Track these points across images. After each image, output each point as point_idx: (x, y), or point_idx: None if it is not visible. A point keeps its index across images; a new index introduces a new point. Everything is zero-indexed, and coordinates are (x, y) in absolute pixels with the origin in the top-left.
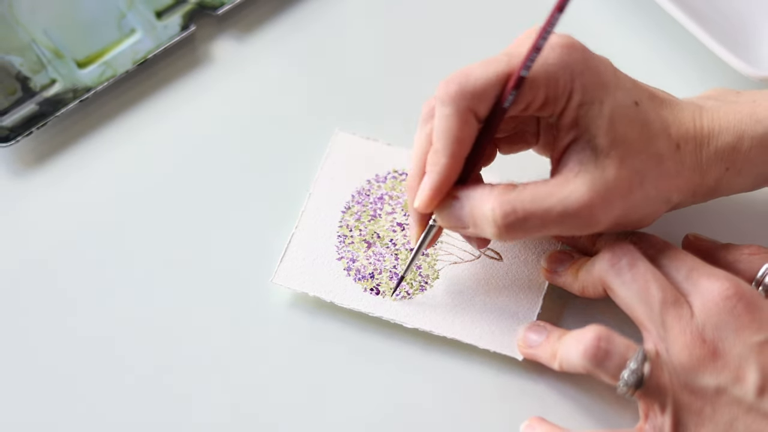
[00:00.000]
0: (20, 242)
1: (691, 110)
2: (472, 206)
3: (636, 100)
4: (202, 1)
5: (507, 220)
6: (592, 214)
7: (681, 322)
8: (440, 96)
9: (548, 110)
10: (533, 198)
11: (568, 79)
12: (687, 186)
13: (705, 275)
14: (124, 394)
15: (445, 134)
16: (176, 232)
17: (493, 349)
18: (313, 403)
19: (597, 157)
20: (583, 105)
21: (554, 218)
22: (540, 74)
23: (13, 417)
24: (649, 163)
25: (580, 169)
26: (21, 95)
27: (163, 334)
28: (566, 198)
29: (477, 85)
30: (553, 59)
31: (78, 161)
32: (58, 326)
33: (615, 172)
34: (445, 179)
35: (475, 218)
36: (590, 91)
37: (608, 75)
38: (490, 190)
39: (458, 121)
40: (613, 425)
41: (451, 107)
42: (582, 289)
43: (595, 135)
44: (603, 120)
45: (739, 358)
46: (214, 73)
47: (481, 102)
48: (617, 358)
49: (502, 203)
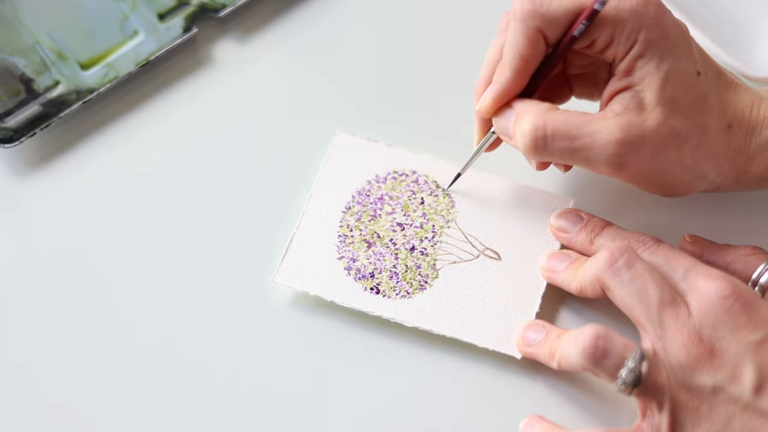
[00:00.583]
0: (24, 242)
1: (752, 97)
2: (518, 117)
3: (699, 71)
4: (204, 3)
5: (536, 134)
6: (618, 154)
7: (678, 321)
8: (514, 11)
9: (611, 53)
10: (567, 121)
11: (635, 28)
12: (730, 168)
13: (702, 275)
14: (126, 393)
15: (512, 49)
16: (179, 232)
17: (491, 347)
18: (314, 400)
19: (641, 109)
20: (642, 57)
21: (580, 147)
22: (610, 15)
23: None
24: (693, 130)
25: (621, 111)
26: (25, 96)
27: (165, 332)
28: (598, 131)
29: (550, 8)
30: (627, 5)
31: (81, 162)
32: (61, 325)
33: (654, 125)
34: (505, 91)
35: (515, 129)
36: (653, 46)
37: (678, 38)
38: (537, 104)
39: (526, 39)
40: (610, 423)
41: (522, 24)
42: (580, 288)
43: (646, 89)
44: (657, 77)
45: (736, 356)
46: (216, 75)
47: (551, 25)
48: (615, 357)
49: (537, 118)
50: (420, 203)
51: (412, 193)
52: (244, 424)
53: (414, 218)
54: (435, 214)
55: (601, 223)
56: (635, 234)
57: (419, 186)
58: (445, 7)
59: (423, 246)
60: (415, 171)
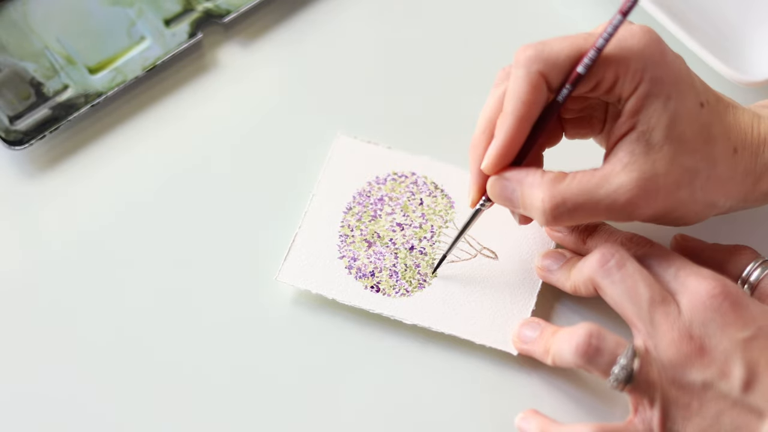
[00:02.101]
0: (33, 242)
1: (750, 117)
2: (524, 192)
3: (703, 102)
4: (209, 9)
5: (557, 211)
6: (638, 206)
7: (669, 319)
8: (516, 59)
9: (615, 94)
10: (581, 190)
11: (640, 67)
12: (738, 191)
13: (692, 274)
14: (130, 390)
15: (514, 96)
16: (184, 232)
17: (488, 344)
18: (315, 395)
19: (649, 151)
20: (650, 96)
21: (601, 210)
22: (614, 54)
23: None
24: (702, 163)
25: (630, 160)
26: (35, 100)
27: (171, 329)
28: (614, 192)
29: (552, 52)
30: (630, 44)
31: (89, 164)
32: (69, 325)
33: (665, 167)
34: (509, 141)
35: (525, 203)
36: (660, 84)
37: (681, 72)
38: (542, 177)
39: (528, 85)
40: (603, 418)
41: (524, 70)
42: (574, 287)
43: (654, 128)
44: (666, 115)
45: (725, 354)
46: (221, 79)
47: (554, 69)
48: (608, 355)
49: (552, 194)
50: (419, 204)
51: (412, 194)
52: (249, 417)
53: (413, 218)
54: (434, 214)
55: (593, 223)
56: (628, 234)
57: (418, 187)
58: (445, 11)
59: (422, 245)
60: (414, 172)
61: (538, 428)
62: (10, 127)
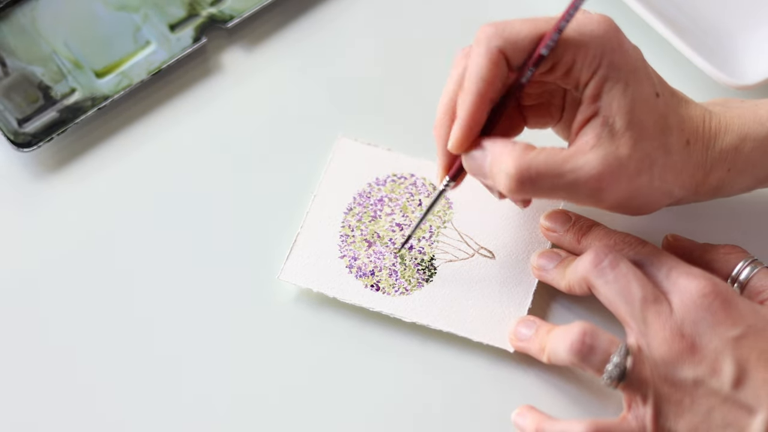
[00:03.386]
0: (41, 242)
1: (702, 111)
2: (493, 158)
3: (658, 92)
4: (213, 14)
5: (521, 177)
6: (600, 187)
7: (661, 318)
8: (477, 36)
9: (573, 78)
10: (548, 161)
11: (598, 52)
12: (690, 182)
13: (684, 274)
14: (136, 387)
15: (473, 73)
16: (188, 232)
17: (486, 341)
18: (316, 391)
19: (613, 135)
20: (608, 81)
21: (564, 184)
22: (573, 38)
23: (19, 415)
24: (659, 151)
25: (596, 142)
26: (42, 103)
27: (176, 327)
28: (580, 167)
29: (513, 31)
30: (589, 29)
31: (96, 165)
32: (74, 324)
33: (628, 151)
34: (471, 119)
35: (492, 171)
36: (617, 70)
37: (638, 62)
38: (512, 146)
39: (489, 61)
40: (597, 414)
41: (484, 47)
42: (569, 287)
43: (615, 114)
44: (625, 101)
45: (716, 352)
46: (224, 83)
47: (513, 47)
48: (601, 353)
49: (520, 162)
50: (418, 204)
51: (411, 195)
52: (252, 412)
53: (412, 219)
54: (432, 214)
55: (588, 223)
56: (621, 234)
57: (417, 188)
58: (445, 15)
59: (421, 245)
60: (413, 174)
61: (533, 424)
62: (18, 129)
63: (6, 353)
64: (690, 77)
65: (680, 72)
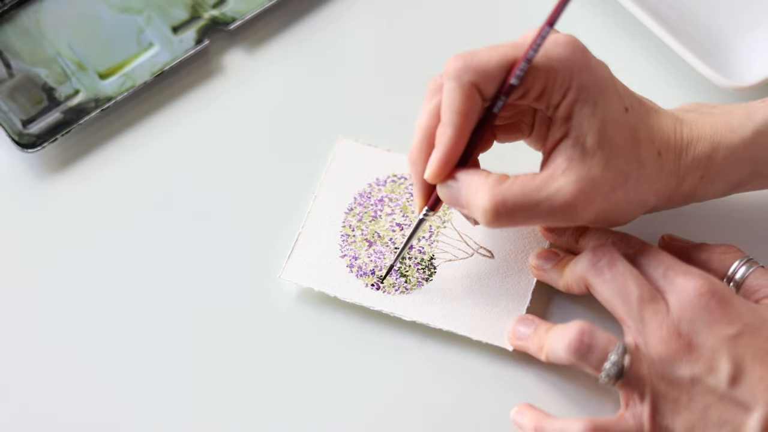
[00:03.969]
0: (45, 241)
1: (672, 121)
2: (467, 191)
3: (627, 107)
4: (215, 17)
5: (497, 210)
6: (576, 210)
7: (658, 317)
8: (447, 71)
9: (544, 101)
10: (522, 192)
11: (567, 76)
12: (664, 191)
13: (681, 273)
14: (138, 385)
15: (450, 107)
16: (191, 232)
17: (485, 340)
18: (317, 389)
19: (585, 156)
20: (578, 102)
21: (541, 212)
22: (541, 64)
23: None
24: (631, 166)
25: (567, 165)
26: (47, 104)
27: (179, 325)
28: (554, 195)
29: (481, 63)
30: (556, 54)
31: (100, 165)
32: (79, 323)
33: (600, 171)
34: (450, 151)
35: (469, 204)
36: (586, 90)
37: (606, 79)
38: (486, 178)
39: (462, 95)
40: (594, 412)
41: (456, 81)
42: (567, 286)
43: (586, 133)
44: (595, 121)
45: (713, 350)
46: (226, 84)
47: (485, 79)
48: (599, 351)
49: (494, 194)
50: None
51: (411, 195)
52: (254, 409)
53: (412, 219)
54: (430, 218)
55: None
56: (618, 234)
57: None
58: (445, 20)
59: (421, 245)
60: None
61: (532, 422)
62: (23, 130)
63: (11, 352)
64: (686, 79)
65: (677, 73)
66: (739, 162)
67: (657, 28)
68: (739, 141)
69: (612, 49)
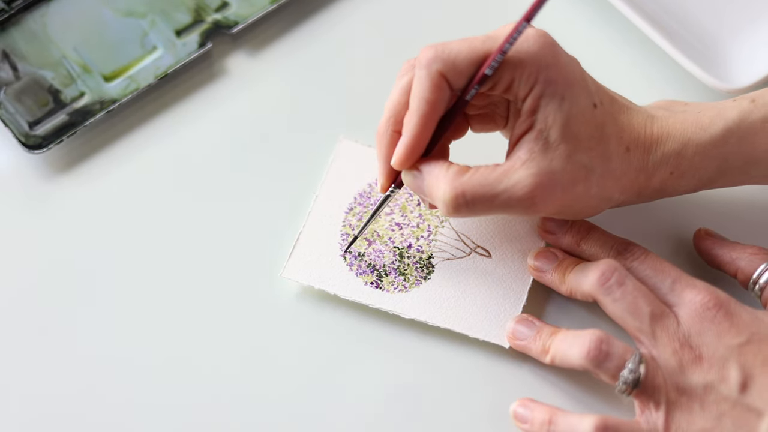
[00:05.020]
0: (51, 240)
1: (644, 117)
2: (429, 182)
3: (596, 103)
4: (218, 21)
5: (456, 202)
6: (534, 202)
7: (669, 332)
8: (419, 60)
9: (512, 93)
10: (481, 183)
11: (534, 70)
12: (632, 186)
13: (688, 287)
14: (143, 382)
15: (418, 95)
16: (194, 231)
17: (482, 337)
18: (318, 385)
19: (546, 149)
20: (544, 96)
21: (499, 204)
22: (511, 57)
23: (27, 413)
24: (596, 161)
25: (528, 158)
26: (53, 107)
27: (183, 323)
28: (512, 187)
29: (451, 54)
30: (526, 48)
31: (104, 166)
32: (84, 323)
33: (561, 164)
34: (415, 138)
35: (430, 194)
36: (553, 85)
37: (575, 75)
38: (447, 170)
39: (430, 84)
40: (587, 406)
41: (425, 70)
42: (570, 293)
43: (550, 127)
44: (560, 116)
45: (722, 359)
46: (229, 86)
47: (453, 70)
48: (616, 360)
49: (453, 186)
50: (416, 204)
51: (410, 195)
52: (255, 404)
53: (411, 218)
54: (430, 214)
55: (585, 225)
56: (621, 242)
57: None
58: (445, 20)
59: (419, 244)
60: None
61: (546, 414)
62: (29, 132)
63: (17, 353)
64: (680, 81)
65: (670, 75)
66: (709, 159)
67: (650, 30)
68: (709, 138)
69: (599, 47)
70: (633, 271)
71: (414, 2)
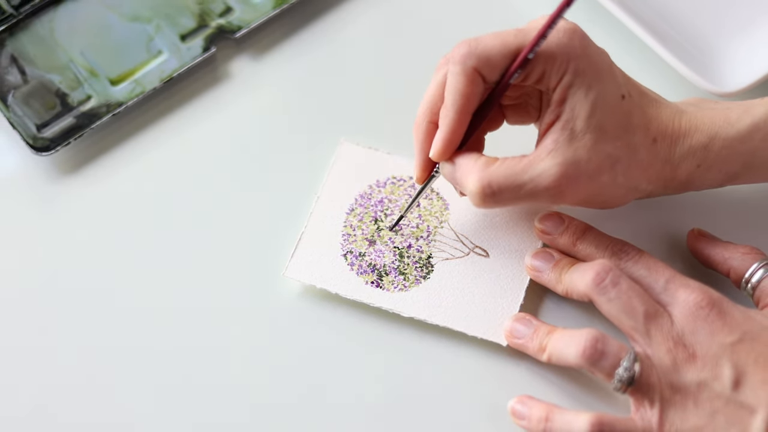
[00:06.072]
0: (59, 241)
1: (672, 111)
2: (461, 173)
3: (624, 94)
4: (221, 25)
5: (483, 192)
6: (560, 192)
7: (663, 331)
8: (452, 56)
9: (544, 84)
10: (507, 174)
11: (564, 60)
12: (658, 177)
13: (681, 287)
14: (145, 379)
15: (453, 90)
16: (198, 232)
17: (480, 335)
18: (319, 383)
19: (572, 139)
20: (572, 87)
21: (525, 193)
22: (542, 49)
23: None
24: (623, 150)
25: (554, 147)
26: (60, 110)
27: (187, 321)
28: (537, 176)
29: (485, 49)
30: (556, 40)
31: (111, 168)
32: (89, 321)
33: (586, 154)
34: (452, 132)
35: (462, 185)
36: (581, 76)
37: (603, 66)
38: (475, 161)
39: (465, 79)
40: (583, 403)
41: (460, 66)
42: (566, 293)
43: (576, 117)
44: (586, 105)
45: (715, 357)
46: (233, 90)
47: (487, 64)
48: (611, 358)
49: (480, 177)
50: (416, 206)
51: (410, 196)
52: (257, 402)
53: (410, 219)
54: (429, 215)
55: (581, 226)
56: (616, 242)
57: (416, 190)
58: (444, 25)
59: (419, 244)
60: (412, 177)
61: (543, 411)
62: (37, 134)
63: (25, 353)
64: (672, 84)
65: (662, 78)
66: (735, 154)
67: (643, 33)
68: (736, 133)
69: None
70: (627, 271)
71: (416, 7)
